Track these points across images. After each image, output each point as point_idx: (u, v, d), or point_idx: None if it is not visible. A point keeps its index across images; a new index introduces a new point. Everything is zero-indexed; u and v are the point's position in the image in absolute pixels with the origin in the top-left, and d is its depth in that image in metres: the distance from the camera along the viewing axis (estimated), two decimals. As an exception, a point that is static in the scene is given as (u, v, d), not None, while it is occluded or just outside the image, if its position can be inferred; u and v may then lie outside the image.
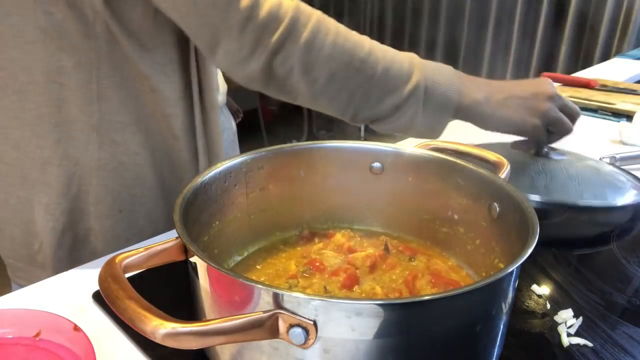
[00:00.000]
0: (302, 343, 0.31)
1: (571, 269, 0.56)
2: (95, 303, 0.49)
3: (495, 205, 0.46)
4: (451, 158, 0.51)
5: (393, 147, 0.54)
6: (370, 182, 0.55)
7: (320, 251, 0.52)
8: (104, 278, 0.33)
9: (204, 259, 0.34)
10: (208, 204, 0.47)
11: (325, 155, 0.55)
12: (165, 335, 0.29)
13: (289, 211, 0.56)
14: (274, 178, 0.53)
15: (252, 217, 0.53)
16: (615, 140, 0.95)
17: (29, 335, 0.43)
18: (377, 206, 0.56)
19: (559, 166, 0.70)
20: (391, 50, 0.59)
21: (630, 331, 0.46)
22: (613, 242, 0.61)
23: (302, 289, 0.46)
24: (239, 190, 0.51)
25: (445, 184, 0.51)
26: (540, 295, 0.51)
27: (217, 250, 0.49)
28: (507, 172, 0.50)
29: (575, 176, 0.68)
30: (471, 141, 0.65)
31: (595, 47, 2.71)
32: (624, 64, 1.62)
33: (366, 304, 0.31)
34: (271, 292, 0.31)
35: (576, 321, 0.47)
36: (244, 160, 0.51)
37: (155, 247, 0.38)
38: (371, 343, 0.32)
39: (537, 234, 0.37)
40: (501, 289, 0.35)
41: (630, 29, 2.59)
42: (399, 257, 0.51)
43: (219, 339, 0.30)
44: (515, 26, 2.97)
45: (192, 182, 0.45)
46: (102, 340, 0.44)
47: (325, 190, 0.56)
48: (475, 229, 0.49)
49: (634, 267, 0.56)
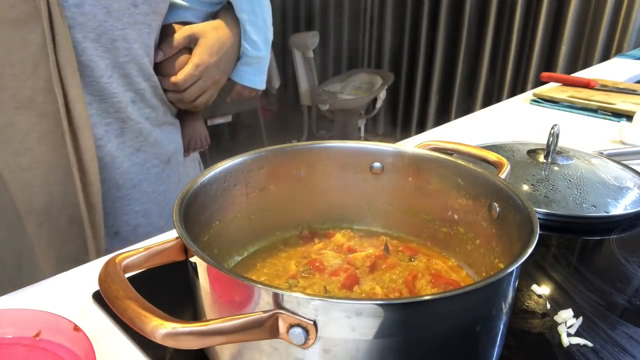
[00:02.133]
0: (302, 343, 0.31)
1: (571, 269, 0.56)
2: (95, 303, 0.49)
3: (495, 205, 0.46)
4: (451, 158, 0.51)
5: (393, 147, 0.54)
6: (370, 182, 0.55)
7: (320, 251, 0.52)
8: (103, 278, 0.33)
9: (204, 259, 0.34)
10: (208, 204, 0.47)
11: (325, 155, 0.55)
12: (165, 335, 0.29)
13: (289, 211, 0.56)
14: (274, 178, 0.53)
15: (252, 217, 0.53)
16: (616, 140, 0.95)
17: (29, 335, 0.43)
18: (377, 206, 0.56)
19: (562, 172, 0.70)
20: None
21: (630, 331, 0.46)
22: (613, 242, 0.61)
23: (302, 289, 0.46)
24: (239, 190, 0.51)
25: (445, 184, 0.51)
26: (540, 295, 0.51)
27: (217, 250, 0.49)
28: (507, 172, 0.50)
29: (577, 184, 0.68)
30: (471, 141, 0.65)
31: (595, 47, 2.72)
32: (624, 64, 1.62)
33: (366, 304, 0.31)
34: (271, 292, 0.31)
35: (576, 321, 0.47)
36: (244, 160, 0.51)
37: (155, 247, 0.38)
38: (371, 343, 0.32)
39: (537, 234, 0.37)
40: (501, 289, 0.35)
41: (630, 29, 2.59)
42: (399, 257, 0.52)
43: (219, 339, 0.30)
44: (515, 26, 2.97)
45: (192, 182, 0.45)
46: (102, 340, 0.44)
47: (325, 190, 0.56)
48: (475, 229, 0.49)
49: (634, 267, 0.56)
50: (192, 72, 0.74)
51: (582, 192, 0.67)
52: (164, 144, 0.77)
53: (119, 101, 0.67)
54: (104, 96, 0.66)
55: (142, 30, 0.68)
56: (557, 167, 0.72)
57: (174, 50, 0.74)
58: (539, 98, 1.22)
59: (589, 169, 0.72)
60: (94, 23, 0.62)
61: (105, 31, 0.63)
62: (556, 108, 1.17)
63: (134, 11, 0.65)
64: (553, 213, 0.64)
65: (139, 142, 0.72)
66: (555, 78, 1.34)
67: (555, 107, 1.18)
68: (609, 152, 0.84)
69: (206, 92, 0.78)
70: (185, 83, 0.74)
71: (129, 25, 0.65)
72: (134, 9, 0.65)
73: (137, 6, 0.65)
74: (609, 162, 0.76)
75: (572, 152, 0.76)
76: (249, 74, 0.85)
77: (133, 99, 0.70)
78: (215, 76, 0.77)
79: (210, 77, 0.76)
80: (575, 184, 0.68)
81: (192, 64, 0.74)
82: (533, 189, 0.68)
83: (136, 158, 0.73)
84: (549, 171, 0.71)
